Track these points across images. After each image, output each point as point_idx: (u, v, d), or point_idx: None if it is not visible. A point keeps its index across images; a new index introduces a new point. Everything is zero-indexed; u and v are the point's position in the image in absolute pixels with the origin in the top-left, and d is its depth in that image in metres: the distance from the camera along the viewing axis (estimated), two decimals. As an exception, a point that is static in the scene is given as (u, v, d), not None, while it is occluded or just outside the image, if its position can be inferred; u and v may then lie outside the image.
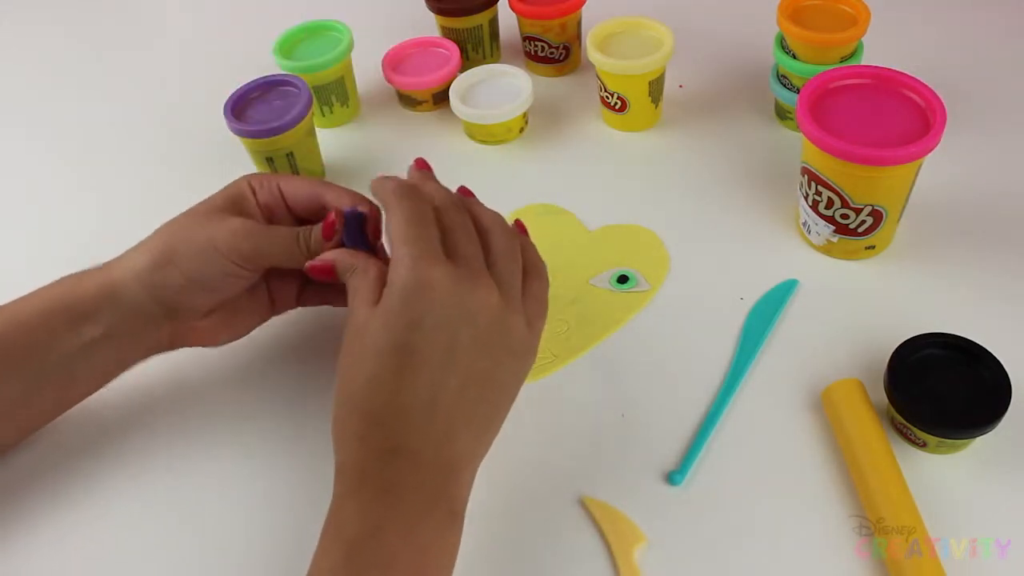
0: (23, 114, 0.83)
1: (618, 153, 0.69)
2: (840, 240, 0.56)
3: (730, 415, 0.50)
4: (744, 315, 0.55)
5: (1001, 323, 0.51)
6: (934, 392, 0.45)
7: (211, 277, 0.47)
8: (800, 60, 0.63)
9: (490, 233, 0.45)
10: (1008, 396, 0.44)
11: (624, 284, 0.58)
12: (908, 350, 0.47)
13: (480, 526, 0.46)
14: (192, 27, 0.95)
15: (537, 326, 0.45)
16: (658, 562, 0.43)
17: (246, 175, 0.51)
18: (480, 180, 0.67)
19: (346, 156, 0.71)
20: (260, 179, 0.51)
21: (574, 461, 0.48)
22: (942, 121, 0.50)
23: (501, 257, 0.44)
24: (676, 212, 0.62)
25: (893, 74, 0.54)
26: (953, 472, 0.46)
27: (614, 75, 0.66)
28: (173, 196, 0.69)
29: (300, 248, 0.47)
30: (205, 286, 0.48)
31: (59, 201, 0.71)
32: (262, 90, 0.67)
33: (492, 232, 0.45)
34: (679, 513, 0.45)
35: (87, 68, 0.88)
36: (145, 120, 0.79)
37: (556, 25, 0.73)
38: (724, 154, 0.67)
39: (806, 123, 0.52)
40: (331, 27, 0.74)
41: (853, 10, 0.63)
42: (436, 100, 0.74)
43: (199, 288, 0.48)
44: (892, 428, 0.47)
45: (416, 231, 0.42)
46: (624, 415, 0.50)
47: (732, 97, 0.72)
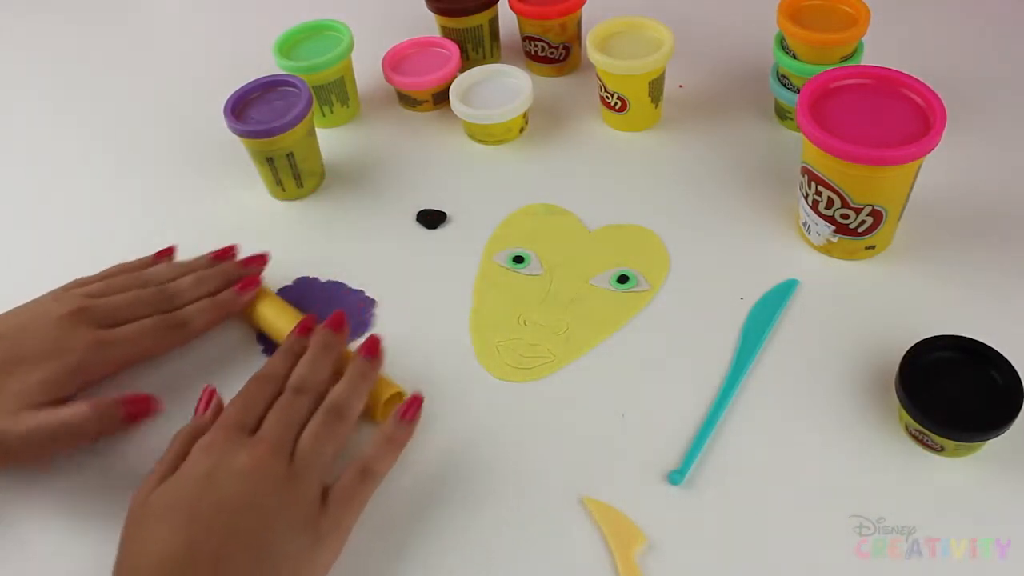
0: (23, 114, 0.83)
1: (618, 153, 0.69)
2: (840, 240, 0.56)
3: (730, 415, 0.50)
4: (744, 315, 0.55)
5: (1001, 323, 0.51)
6: (948, 396, 0.45)
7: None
8: (800, 60, 0.63)
9: (315, 417, 0.46)
10: (1021, 395, 0.44)
11: (624, 284, 0.58)
12: (917, 354, 0.47)
13: (481, 526, 0.46)
14: (192, 27, 0.95)
15: (336, 513, 0.43)
16: (658, 562, 0.43)
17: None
18: (480, 180, 0.68)
19: (346, 156, 0.71)
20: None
21: (574, 461, 0.48)
22: (942, 121, 0.50)
23: (309, 439, 0.45)
24: (676, 212, 0.62)
25: (893, 74, 0.54)
26: (952, 473, 0.46)
27: (614, 75, 0.66)
28: (173, 196, 0.70)
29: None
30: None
31: (59, 201, 0.71)
32: (262, 90, 0.67)
33: (314, 418, 0.46)
34: (679, 513, 0.45)
35: (87, 68, 0.88)
36: (145, 120, 0.79)
37: (556, 25, 0.73)
38: (724, 154, 0.67)
39: (806, 123, 0.52)
40: (331, 27, 0.74)
41: (853, 10, 0.63)
42: (436, 100, 0.74)
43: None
44: (908, 435, 0.47)
45: (235, 412, 0.46)
46: (624, 415, 0.50)
47: (732, 97, 0.72)
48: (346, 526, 0.44)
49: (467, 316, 0.57)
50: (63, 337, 0.50)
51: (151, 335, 0.53)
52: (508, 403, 0.52)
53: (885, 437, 0.47)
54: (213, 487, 0.42)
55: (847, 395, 0.50)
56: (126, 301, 0.54)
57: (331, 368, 0.50)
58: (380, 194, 0.67)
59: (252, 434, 0.45)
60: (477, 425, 0.51)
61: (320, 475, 0.44)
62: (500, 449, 0.49)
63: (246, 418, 0.46)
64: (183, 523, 0.40)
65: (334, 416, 0.47)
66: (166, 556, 0.39)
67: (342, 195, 0.68)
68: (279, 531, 0.41)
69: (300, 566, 0.41)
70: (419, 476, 0.48)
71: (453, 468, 0.49)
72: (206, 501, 0.41)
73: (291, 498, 0.42)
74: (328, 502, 0.43)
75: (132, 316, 0.53)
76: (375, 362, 0.50)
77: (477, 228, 0.63)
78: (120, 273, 0.57)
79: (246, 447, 0.44)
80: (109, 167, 0.74)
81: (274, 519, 0.41)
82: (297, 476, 0.43)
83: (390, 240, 0.63)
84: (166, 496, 0.42)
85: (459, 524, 0.46)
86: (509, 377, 0.53)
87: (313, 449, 0.45)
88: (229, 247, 0.59)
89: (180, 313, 0.54)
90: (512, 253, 0.60)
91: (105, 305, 0.53)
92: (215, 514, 0.41)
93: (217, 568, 0.39)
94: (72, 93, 0.85)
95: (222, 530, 0.40)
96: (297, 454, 0.44)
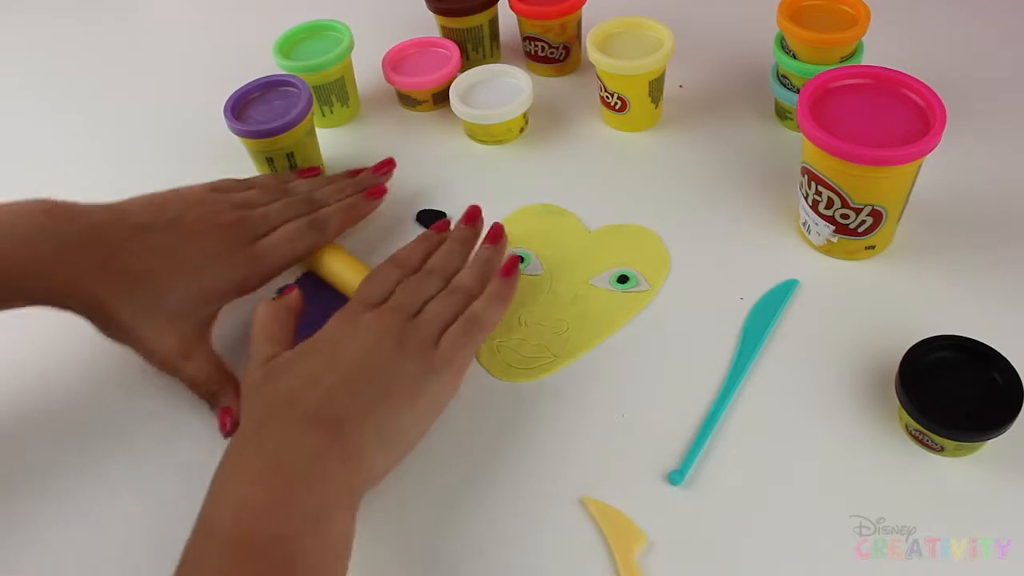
0: (22, 114, 0.83)
1: (618, 153, 0.69)
2: (840, 240, 0.56)
3: (730, 415, 0.50)
4: (744, 315, 0.55)
5: (1001, 323, 0.51)
6: (948, 396, 0.45)
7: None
8: (800, 60, 0.63)
9: (441, 294, 0.51)
10: (1021, 395, 0.44)
11: (624, 284, 0.58)
12: (917, 355, 0.47)
13: (481, 526, 0.46)
14: (192, 27, 0.95)
15: (447, 351, 0.48)
16: (658, 562, 0.43)
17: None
18: (480, 180, 0.68)
19: (346, 156, 0.71)
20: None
21: (574, 461, 0.48)
22: (942, 121, 0.50)
23: (431, 305, 0.50)
24: (676, 212, 0.62)
25: (893, 74, 0.54)
26: (952, 473, 0.46)
27: (614, 75, 0.66)
28: (173, 196, 0.70)
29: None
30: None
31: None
32: (262, 90, 0.67)
33: (440, 295, 0.51)
34: (679, 513, 0.45)
35: (87, 68, 0.88)
36: (145, 120, 0.79)
37: (556, 25, 0.73)
38: (724, 154, 0.67)
39: (806, 123, 0.52)
40: (331, 27, 0.74)
41: (853, 10, 0.63)
42: (436, 100, 0.74)
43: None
44: (908, 435, 0.47)
45: (365, 288, 0.52)
46: (624, 415, 0.50)
47: (732, 97, 0.72)
48: (458, 364, 0.48)
49: (467, 316, 0.57)
50: (225, 251, 0.53)
51: (297, 238, 0.56)
52: (508, 403, 0.52)
53: (885, 437, 0.47)
54: (340, 345, 0.47)
55: (847, 395, 0.50)
56: (276, 211, 0.57)
57: (465, 259, 0.55)
58: (380, 194, 0.67)
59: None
60: (477, 425, 0.51)
61: (437, 328, 0.49)
62: (500, 449, 0.49)
63: (374, 293, 0.51)
64: (311, 364, 0.46)
65: (457, 291, 0.51)
66: (300, 381, 0.44)
67: (342, 195, 0.68)
68: (396, 362, 0.46)
69: (416, 387, 0.46)
70: (419, 476, 0.48)
71: (453, 468, 0.49)
72: (331, 350, 0.46)
73: (406, 339, 0.47)
74: (440, 343, 0.48)
75: (281, 224, 0.56)
76: (498, 249, 0.56)
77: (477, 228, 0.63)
78: (268, 184, 0.60)
79: (372, 313, 0.49)
80: (109, 167, 0.74)
81: (391, 352, 0.46)
82: (415, 327, 0.48)
83: (390, 240, 0.63)
84: (294, 354, 0.47)
85: (459, 524, 0.46)
86: (509, 377, 0.53)
87: (434, 312, 0.49)
88: (362, 168, 0.65)
89: (318, 215, 0.58)
90: (512, 253, 0.60)
91: (260, 216, 0.56)
92: (341, 358, 0.46)
93: (346, 387, 0.44)
94: (72, 93, 0.85)
95: (348, 367, 0.45)
96: (420, 316, 0.49)
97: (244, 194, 0.58)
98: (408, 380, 0.46)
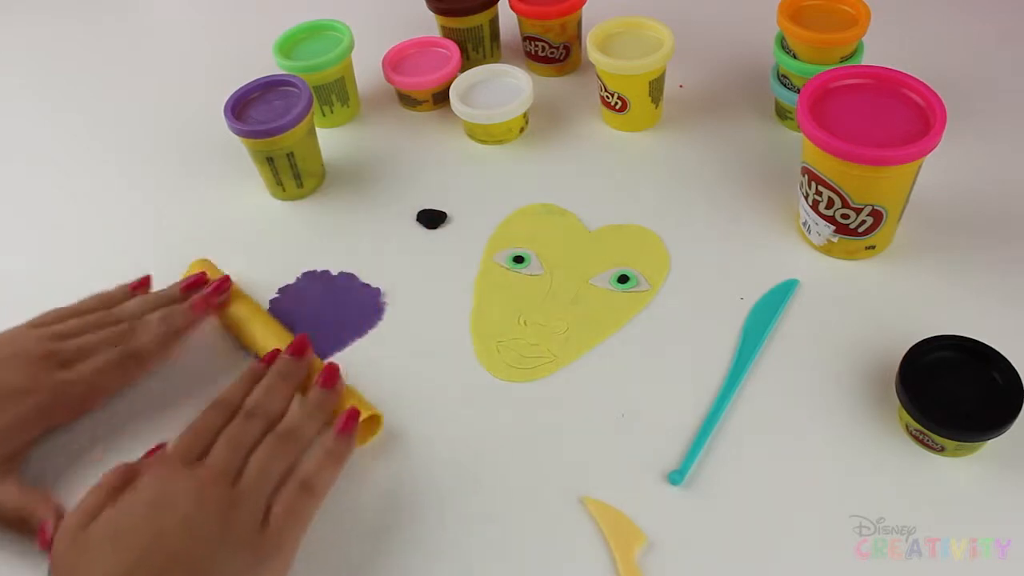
0: (22, 114, 0.83)
1: (618, 153, 0.69)
2: (840, 240, 0.56)
3: (730, 415, 0.50)
4: (744, 315, 0.55)
5: (1001, 323, 0.51)
6: (948, 396, 0.45)
7: None
8: (800, 60, 0.63)
9: (264, 440, 0.46)
10: (1021, 395, 0.44)
11: (624, 284, 0.58)
12: (917, 355, 0.47)
13: (480, 526, 0.46)
14: (192, 27, 0.95)
15: (278, 531, 0.42)
16: (658, 562, 0.43)
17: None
18: (480, 180, 0.68)
19: (346, 156, 0.71)
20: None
21: (574, 461, 0.48)
22: (942, 121, 0.50)
23: (256, 461, 0.45)
24: (676, 212, 0.62)
25: (893, 74, 0.54)
26: (952, 473, 0.46)
27: (614, 75, 0.66)
28: (173, 196, 0.70)
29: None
30: None
31: (58, 201, 0.71)
32: (262, 90, 0.67)
33: (263, 442, 0.46)
34: (679, 513, 0.45)
35: (87, 68, 0.88)
36: (145, 120, 0.79)
37: (556, 25, 0.73)
38: (724, 154, 0.67)
39: (806, 123, 0.52)
40: (331, 27, 0.74)
41: (853, 10, 0.63)
42: (436, 100, 0.74)
43: None
44: (908, 435, 0.47)
45: (185, 440, 0.46)
46: (624, 415, 0.50)
47: (732, 97, 0.72)
48: (290, 543, 0.43)
49: (467, 316, 0.57)
50: (29, 384, 0.49)
51: (107, 368, 0.52)
52: (508, 403, 0.52)
53: (885, 437, 0.47)
54: (155, 514, 0.41)
55: (847, 395, 0.50)
56: (91, 343, 0.53)
57: (288, 396, 0.50)
58: (380, 194, 0.67)
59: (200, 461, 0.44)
60: (477, 425, 0.51)
61: (265, 496, 0.43)
62: (500, 449, 0.49)
63: (194, 446, 0.45)
64: (125, 549, 0.40)
65: (284, 439, 0.46)
66: (112, 567, 0.39)
67: (342, 195, 0.68)
68: (220, 554, 0.41)
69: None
70: (418, 475, 0.48)
71: (453, 468, 0.49)
72: (148, 528, 0.41)
73: (233, 520, 0.42)
74: (269, 520, 0.42)
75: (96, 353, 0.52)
76: (332, 393, 0.50)
77: (477, 228, 0.63)
78: (95, 309, 0.55)
79: (191, 474, 0.43)
80: (109, 167, 0.74)
81: (215, 542, 0.41)
82: (240, 498, 0.43)
83: (390, 240, 0.63)
84: (107, 525, 0.41)
85: (459, 523, 0.46)
86: (509, 377, 0.53)
87: (259, 470, 0.44)
88: (200, 275, 0.58)
89: (134, 346, 0.53)
90: (512, 253, 0.60)
91: (75, 349, 0.52)
92: (157, 539, 0.40)
93: None
94: (72, 93, 0.85)
95: (163, 556, 0.40)
96: (243, 477, 0.44)
97: (63, 325, 0.54)
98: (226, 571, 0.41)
